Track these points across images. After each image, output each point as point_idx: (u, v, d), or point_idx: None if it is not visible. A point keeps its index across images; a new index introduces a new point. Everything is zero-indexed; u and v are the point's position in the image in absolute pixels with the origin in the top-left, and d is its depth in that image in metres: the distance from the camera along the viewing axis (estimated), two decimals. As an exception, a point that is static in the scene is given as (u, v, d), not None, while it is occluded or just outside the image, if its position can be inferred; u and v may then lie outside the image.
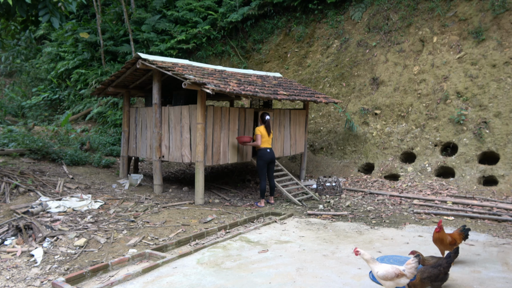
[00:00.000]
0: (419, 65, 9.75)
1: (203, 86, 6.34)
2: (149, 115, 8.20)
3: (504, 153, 7.75)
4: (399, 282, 3.23)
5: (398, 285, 3.25)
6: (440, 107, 8.96)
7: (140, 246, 4.87)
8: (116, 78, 8.37)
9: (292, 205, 7.37)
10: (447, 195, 7.51)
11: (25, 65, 18.90)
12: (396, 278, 3.19)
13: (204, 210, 6.58)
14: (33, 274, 4.04)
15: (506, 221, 6.09)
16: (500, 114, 8.13)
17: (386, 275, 3.21)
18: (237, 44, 14.08)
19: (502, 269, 4.21)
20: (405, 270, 3.22)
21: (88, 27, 16.14)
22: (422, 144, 8.86)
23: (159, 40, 14.46)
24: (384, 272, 3.22)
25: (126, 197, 7.10)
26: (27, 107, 16.19)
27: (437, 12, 9.88)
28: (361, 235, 5.52)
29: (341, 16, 12.01)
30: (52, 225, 5.25)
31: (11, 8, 6.30)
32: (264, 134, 7.27)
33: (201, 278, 3.96)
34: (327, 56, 11.81)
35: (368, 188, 8.43)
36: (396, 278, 3.19)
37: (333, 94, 10.96)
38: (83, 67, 15.52)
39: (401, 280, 3.22)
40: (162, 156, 7.71)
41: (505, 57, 8.49)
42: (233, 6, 13.85)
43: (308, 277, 3.99)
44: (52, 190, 6.78)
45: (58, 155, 9.22)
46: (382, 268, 3.25)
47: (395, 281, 3.22)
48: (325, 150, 10.40)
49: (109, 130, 13.00)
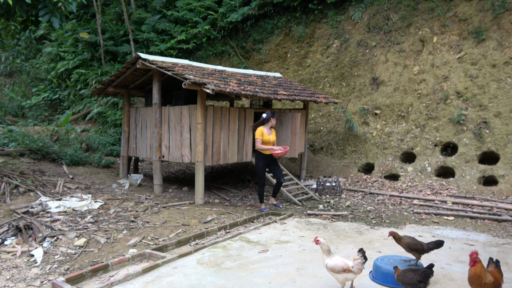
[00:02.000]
0: (419, 65, 9.75)
1: (203, 86, 6.34)
2: (149, 115, 8.20)
3: (504, 153, 7.75)
4: (347, 277, 3.44)
5: (346, 279, 3.46)
6: (440, 107, 8.96)
7: (140, 246, 4.87)
8: (116, 78, 8.37)
9: (292, 205, 7.37)
10: (447, 195, 7.51)
11: (25, 65, 18.89)
12: (342, 272, 3.41)
13: (204, 210, 6.58)
14: (33, 274, 4.04)
15: (506, 221, 6.09)
16: (500, 114, 8.14)
17: (334, 267, 3.43)
18: (237, 44, 14.08)
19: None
20: (353, 266, 3.41)
21: (88, 27, 16.14)
22: (422, 144, 8.86)
23: (159, 40, 14.46)
24: (333, 265, 3.44)
25: (126, 197, 7.10)
26: (27, 107, 16.19)
27: (437, 12, 9.88)
28: (361, 235, 5.52)
29: (341, 16, 12.01)
30: (52, 225, 5.25)
31: (11, 8, 6.30)
32: (265, 135, 6.62)
33: (201, 278, 3.96)
34: (327, 56, 11.81)
35: (368, 188, 8.43)
36: (343, 272, 3.41)
37: (333, 94, 10.96)
38: (83, 67, 15.52)
39: (349, 275, 3.43)
40: (162, 156, 7.71)
41: (505, 57, 8.49)
42: (233, 6, 13.85)
43: (308, 277, 3.99)
44: (52, 190, 6.78)
45: (58, 155, 9.22)
46: (333, 260, 3.46)
47: (343, 275, 3.43)
48: (325, 150, 10.40)
49: (109, 130, 12.99)
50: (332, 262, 3.45)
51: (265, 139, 6.58)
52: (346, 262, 3.44)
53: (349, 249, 4.87)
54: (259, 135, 6.55)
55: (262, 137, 6.57)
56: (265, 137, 6.58)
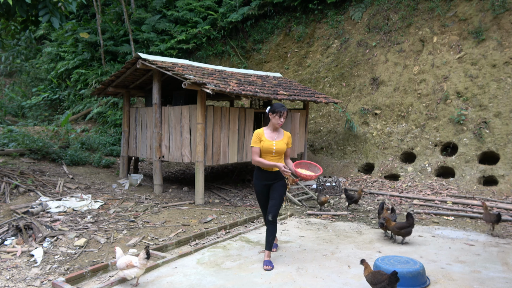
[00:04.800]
0: (419, 65, 9.75)
1: (203, 86, 6.34)
2: (149, 115, 8.20)
3: (504, 153, 7.75)
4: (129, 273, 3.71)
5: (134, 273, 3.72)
6: (440, 107, 8.97)
7: (140, 246, 4.87)
8: (116, 78, 8.37)
9: (292, 205, 7.37)
10: (447, 195, 7.51)
11: (25, 65, 18.88)
12: (126, 268, 3.70)
13: (204, 210, 6.58)
14: (33, 274, 4.04)
15: (506, 221, 6.09)
16: (500, 114, 8.14)
17: (120, 265, 3.74)
18: (237, 44, 14.08)
19: (502, 269, 4.21)
20: (137, 262, 3.72)
21: (88, 27, 16.13)
22: (422, 144, 8.86)
23: (159, 40, 14.45)
24: (119, 263, 3.76)
25: (126, 197, 7.10)
26: (27, 107, 16.18)
27: (437, 12, 9.88)
28: (361, 235, 5.52)
29: (341, 16, 12.01)
30: (52, 225, 5.25)
31: (11, 8, 6.30)
32: (265, 141, 4.25)
33: (201, 278, 3.96)
34: (327, 56, 11.81)
35: (368, 188, 8.43)
36: (127, 268, 3.70)
37: (333, 94, 10.96)
38: (83, 67, 15.51)
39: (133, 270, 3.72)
40: (162, 156, 7.71)
41: (505, 57, 8.49)
42: (233, 6, 13.85)
43: (308, 277, 3.99)
44: (52, 190, 6.78)
45: (58, 155, 9.22)
46: (120, 260, 3.76)
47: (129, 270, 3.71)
48: (325, 150, 10.40)
49: (109, 130, 12.99)
50: (119, 261, 3.76)
51: (265, 147, 4.23)
52: (129, 258, 3.74)
53: (349, 249, 4.87)
54: (255, 141, 4.27)
55: (260, 144, 4.26)
56: (265, 144, 4.24)
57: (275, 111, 4.21)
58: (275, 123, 4.26)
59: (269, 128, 4.35)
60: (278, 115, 4.20)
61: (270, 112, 4.27)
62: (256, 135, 4.28)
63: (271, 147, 4.23)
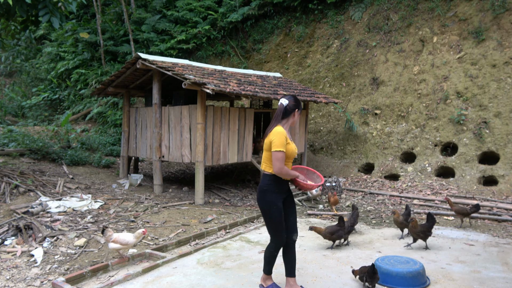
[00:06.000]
0: (419, 65, 9.75)
1: (203, 86, 6.34)
2: (149, 115, 8.20)
3: (504, 153, 7.75)
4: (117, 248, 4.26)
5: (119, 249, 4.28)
6: (440, 107, 8.97)
7: (140, 246, 4.87)
8: (116, 78, 8.37)
9: (292, 205, 7.36)
10: (447, 195, 7.51)
11: (25, 65, 18.89)
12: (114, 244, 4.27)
13: (204, 210, 6.58)
14: (33, 274, 4.04)
15: (506, 221, 6.09)
16: (500, 114, 8.14)
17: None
18: (237, 44, 14.08)
19: (502, 269, 4.21)
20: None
21: (88, 27, 16.13)
22: (422, 144, 8.86)
23: (159, 40, 14.45)
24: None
25: (126, 197, 7.10)
26: (27, 107, 16.18)
27: (437, 12, 9.88)
28: (361, 235, 5.52)
29: (341, 16, 12.01)
30: (52, 225, 5.25)
31: (11, 8, 6.30)
32: (290, 144, 3.42)
33: (201, 278, 3.96)
34: (327, 56, 11.81)
35: (368, 188, 8.43)
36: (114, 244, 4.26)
37: (333, 94, 10.96)
38: (83, 67, 15.51)
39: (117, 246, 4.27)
40: (162, 156, 7.71)
41: (505, 57, 8.49)
42: (233, 6, 13.85)
43: (308, 277, 3.99)
44: (52, 190, 6.78)
45: (58, 155, 9.22)
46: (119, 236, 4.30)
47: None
48: (325, 150, 10.40)
49: (109, 130, 12.99)
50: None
51: (290, 151, 3.40)
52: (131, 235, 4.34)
53: (349, 249, 4.87)
54: (281, 144, 3.29)
55: (286, 148, 3.35)
56: (291, 147, 3.41)
57: (299, 107, 3.48)
58: (295, 121, 3.53)
59: (285, 127, 3.46)
60: (300, 111, 3.51)
61: (296, 109, 3.45)
62: (284, 136, 3.31)
63: (295, 151, 3.44)
